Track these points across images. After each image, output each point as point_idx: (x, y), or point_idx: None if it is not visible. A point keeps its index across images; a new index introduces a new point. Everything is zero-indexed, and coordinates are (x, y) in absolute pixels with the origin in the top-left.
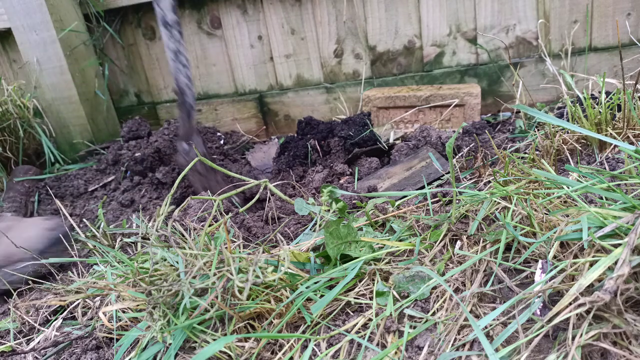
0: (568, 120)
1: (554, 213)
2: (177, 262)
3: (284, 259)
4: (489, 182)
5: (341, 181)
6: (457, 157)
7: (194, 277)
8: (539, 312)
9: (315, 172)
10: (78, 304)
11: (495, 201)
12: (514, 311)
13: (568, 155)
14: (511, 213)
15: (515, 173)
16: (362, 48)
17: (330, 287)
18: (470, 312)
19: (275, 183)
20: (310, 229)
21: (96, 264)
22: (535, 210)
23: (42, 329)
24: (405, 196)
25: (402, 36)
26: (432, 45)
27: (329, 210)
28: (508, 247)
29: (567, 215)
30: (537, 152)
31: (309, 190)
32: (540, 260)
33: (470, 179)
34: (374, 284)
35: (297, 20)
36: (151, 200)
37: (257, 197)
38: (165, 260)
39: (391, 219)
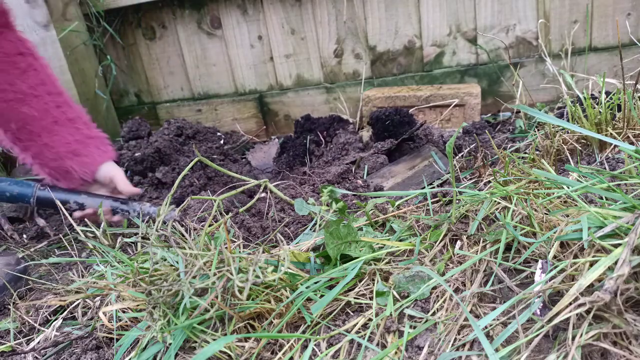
0: (568, 120)
1: (554, 213)
2: (177, 262)
3: (284, 259)
4: (489, 182)
5: (350, 178)
6: (457, 157)
7: (194, 277)
8: (539, 312)
9: (320, 172)
10: (78, 304)
11: (495, 201)
12: (514, 311)
13: (568, 155)
14: (511, 213)
15: (515, 173)
16: (362, 48)
17: (330, 287)
18: (470, 312)
19: (276, 183)
20: (310, 229)
21: (96, 263)
22: (535, 210)
23: (42, 329)
24: (406, 196)
25: (402, 36)
26: (432, 45)
27: (328, 210)
28: (508, 247)
29: (567, 215)
30: (537, 152)
31: (318, 180)
32: (540, 260)
33: (471, 178)
34: (374, 284)
35: (297, 20)
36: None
37: (257, 197)
38: (165, 260)
39: (391, 219)
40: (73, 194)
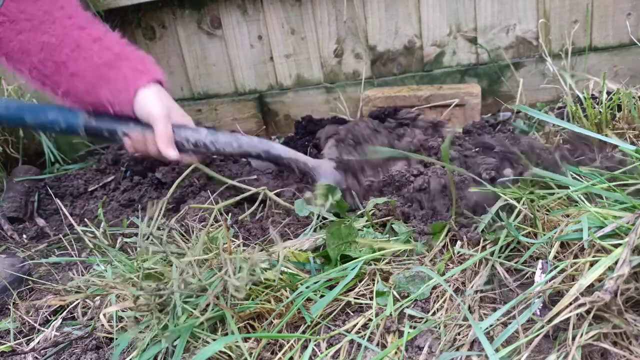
0: (568, 121)
1: (555, 213)
2: (177, 262)
3: (282, 256)
4: None
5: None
6: None
7: (194, 277)
8: (539, 313)
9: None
10: (78, 304)
11: None
12: (515, 311)
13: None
14: (515, 213)
15: None
16: (362, 48)
17: (330, 287)
18: (470, 312)
19: (276, 191)
20: (310, 229)
21: (96, 263)
22: (537, 210)
23: (42, 329)
24: None
25: (402, 36)
26: (432, 45)
27: (326, 207)
28: (508, 247)
29: (568, 215)
30: None
31: None
32: (540, 261)
33: None
34: (374, 284)
35: (297, 20)
36: (151, 200)
37: (257, 203)
38: (165, 260)
39: (392, 219)
40: (120, 122)
